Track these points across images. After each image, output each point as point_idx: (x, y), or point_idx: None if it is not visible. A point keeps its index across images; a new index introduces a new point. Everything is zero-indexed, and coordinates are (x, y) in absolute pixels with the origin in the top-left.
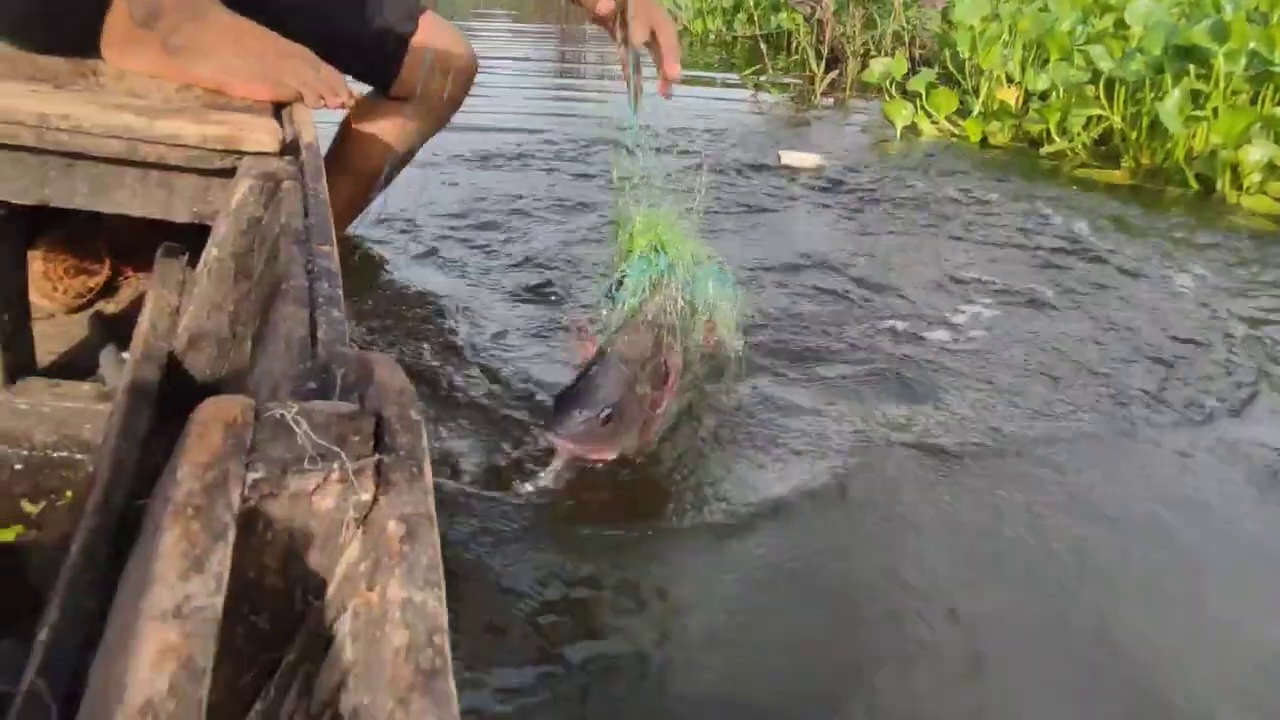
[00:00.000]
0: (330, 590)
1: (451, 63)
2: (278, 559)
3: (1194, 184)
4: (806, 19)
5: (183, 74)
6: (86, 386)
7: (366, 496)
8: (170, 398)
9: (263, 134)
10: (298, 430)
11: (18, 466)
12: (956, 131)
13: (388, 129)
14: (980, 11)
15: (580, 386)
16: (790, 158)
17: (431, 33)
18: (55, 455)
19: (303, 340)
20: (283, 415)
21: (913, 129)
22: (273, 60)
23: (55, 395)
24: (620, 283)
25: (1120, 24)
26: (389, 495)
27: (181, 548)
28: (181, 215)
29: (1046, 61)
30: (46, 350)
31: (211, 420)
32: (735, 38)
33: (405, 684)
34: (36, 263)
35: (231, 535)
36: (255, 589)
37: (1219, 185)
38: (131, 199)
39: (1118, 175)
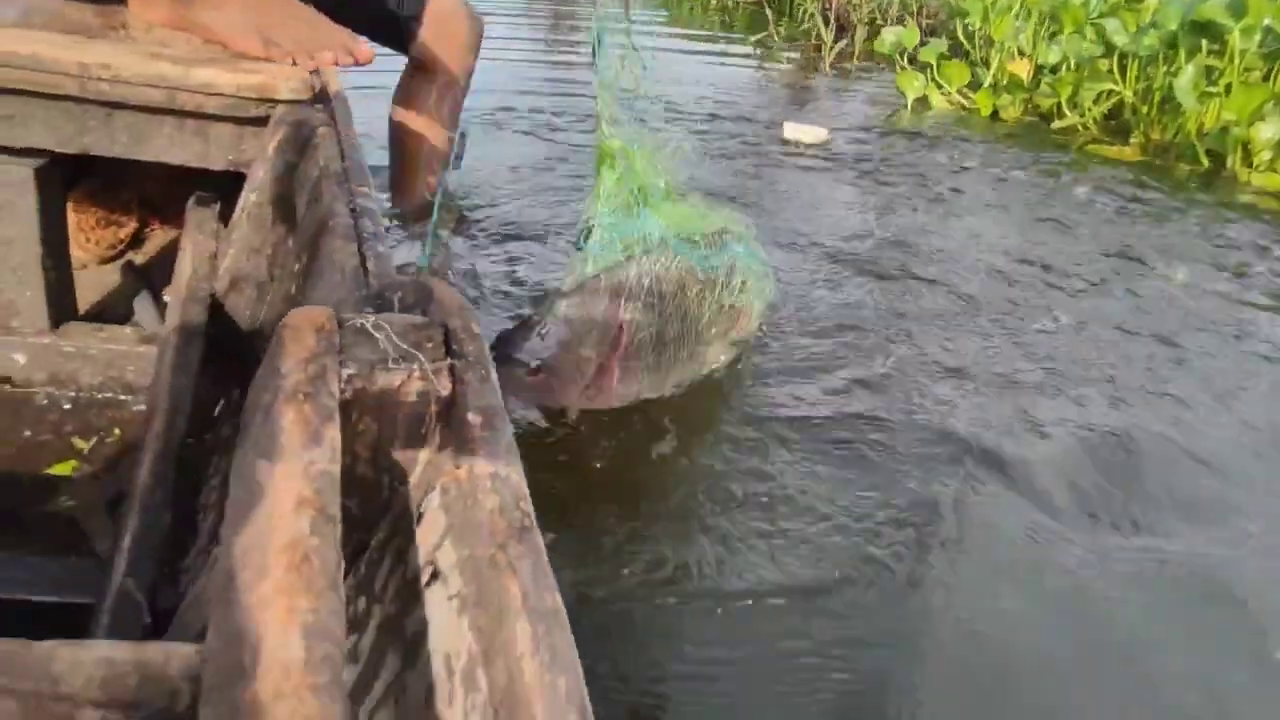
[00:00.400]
0: (415, 476)
1: (460, 24)
2: (368, 448)
3: (1204, 160)
4: None
5: (189, 24)
6: (128, 330)
7: (445, 393)
8: (214, 338)
9: (296, 82)
10: (378, 336)
11: (66, 406)
12: (967, 104)
13: (421, 103)
14: None
15: (514, 335)
16: (794, 131)
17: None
18: (101, 396)
19: (355, 270)
20: (363, 324)
21: (923, 101)
22: (276, 19)
23: (100, 339)
24: (588, 233)
25: None
26: (465, 391)
27: (300, 425)
28: (217, 163)
29: (1058, 34)
30: (83, 299)
31: (303, 324)
32: (737, 2)
33: (503, 535)
34: (70, 215)
35: (337, 418)
36: (348, 476)
37: (1230, 162)
38: (170, 147)
39: (1128, 151)
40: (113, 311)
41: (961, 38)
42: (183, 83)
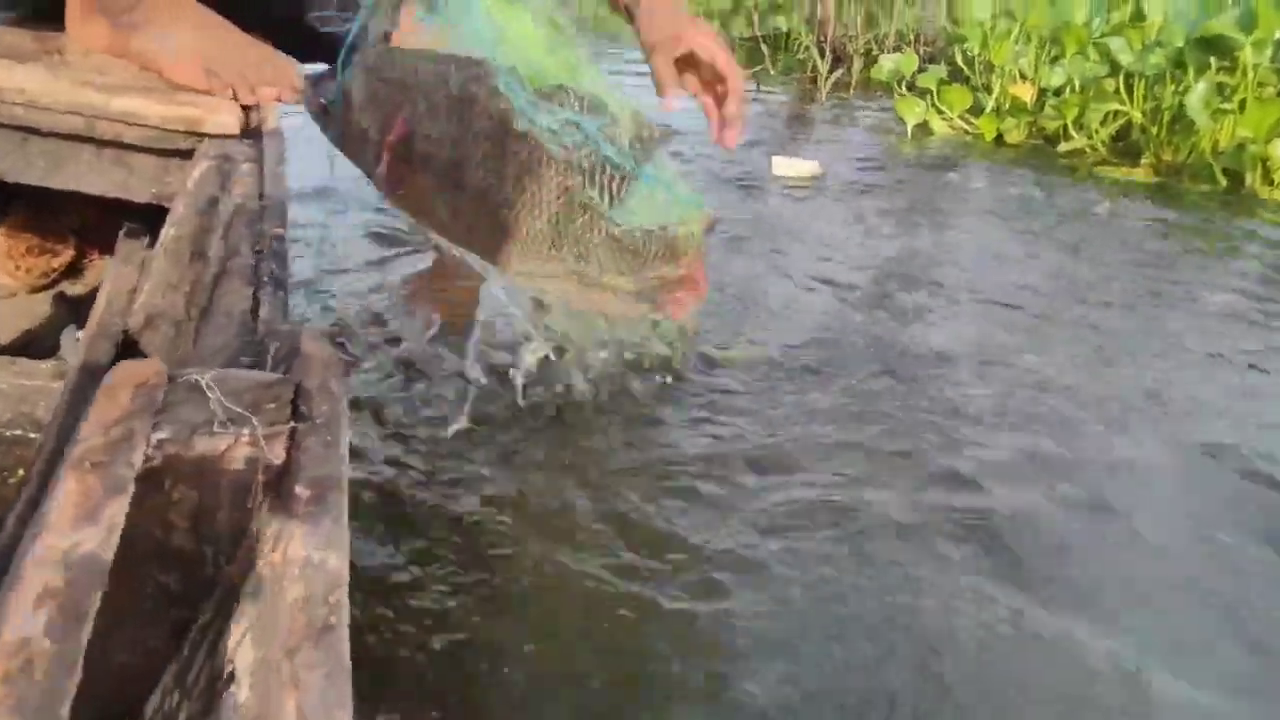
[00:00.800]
0: (241, 551)
1: None
2: (187, 519)
3: (1222, 179)
4: (809, 19)
5: (127, 52)
6: (44, 365)
7: (277, 461)
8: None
9: (225, 116)
10: (210, 395)
11: None
12: (970, 129)
13: None
14: (990, 7)
15: (324, 77)
16: (784, 166)
17: None
18: (10, 433)
19: (244, 315)
20: (196, 380)
21: (924, 127)
22: (222, 51)
23: (12, 373)
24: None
25: (1138, 15)
26: (301, 460)
27: (76, 498)
28: (140, 195)
29: (1060, 56)
30: (7, 329)
31: (122, 381)
32: (734, 40)
33: (298, 636)
34: None
35: (130, 489)
36: (164, 549)
37: (1249, 180)
38: (87, 175)
39: (1139, 172)
40: (38, 344)
41: (961, 63)
42: (104, 110)
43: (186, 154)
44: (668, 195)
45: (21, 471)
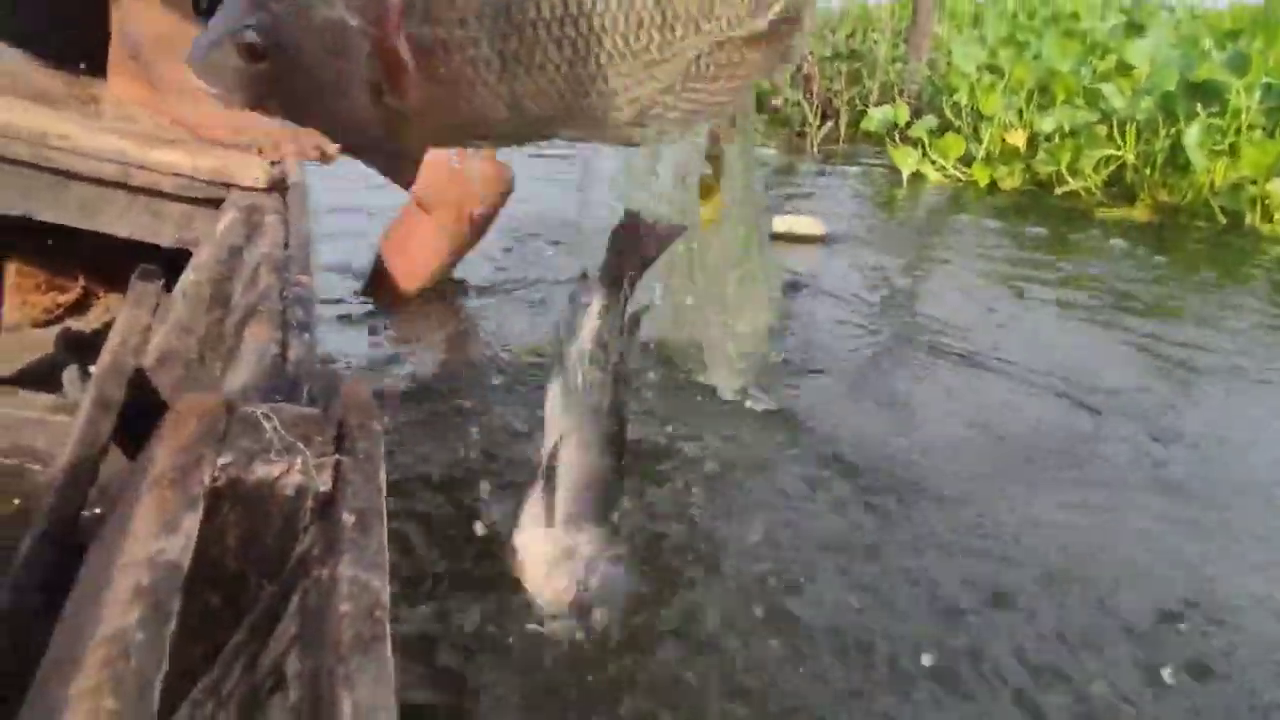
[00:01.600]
0: (283, 575)
1: (481, 175)
2: (238, 540)
3: (1221, 217)
4: (794, 76)
5: (158, 108)
6: (44, 398)
7: (325, 489)
8: (132, 415)
9: (254, 169)
10: (266, 425)
11: None
12: (963, 176)
13: (415, 242)
14: (976, 59)
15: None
16: (785, 223)
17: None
18: (7, 462)
19: (275, 358)
20: (253, 412)
21: (918, 175)
22: (251, 115)
23: (10, 404)
24: None
25: (1123, 65)
26: (345, 490)
27: (157, 512)
28: (165, 240)
29: (1050, 104)
30: (10, 361)
31: (189, 411)
32: None
33: (348, 646)
34: (8, 276)
35: (201, 506)
36: (214, 568)
37: (1248, 219)
38: (119, 221)
39: (1137, 213)
40: (37, 377)
41: (950, 113)
42: (140, 160)
43: (212, 202)
44: None
45: (17, 501)
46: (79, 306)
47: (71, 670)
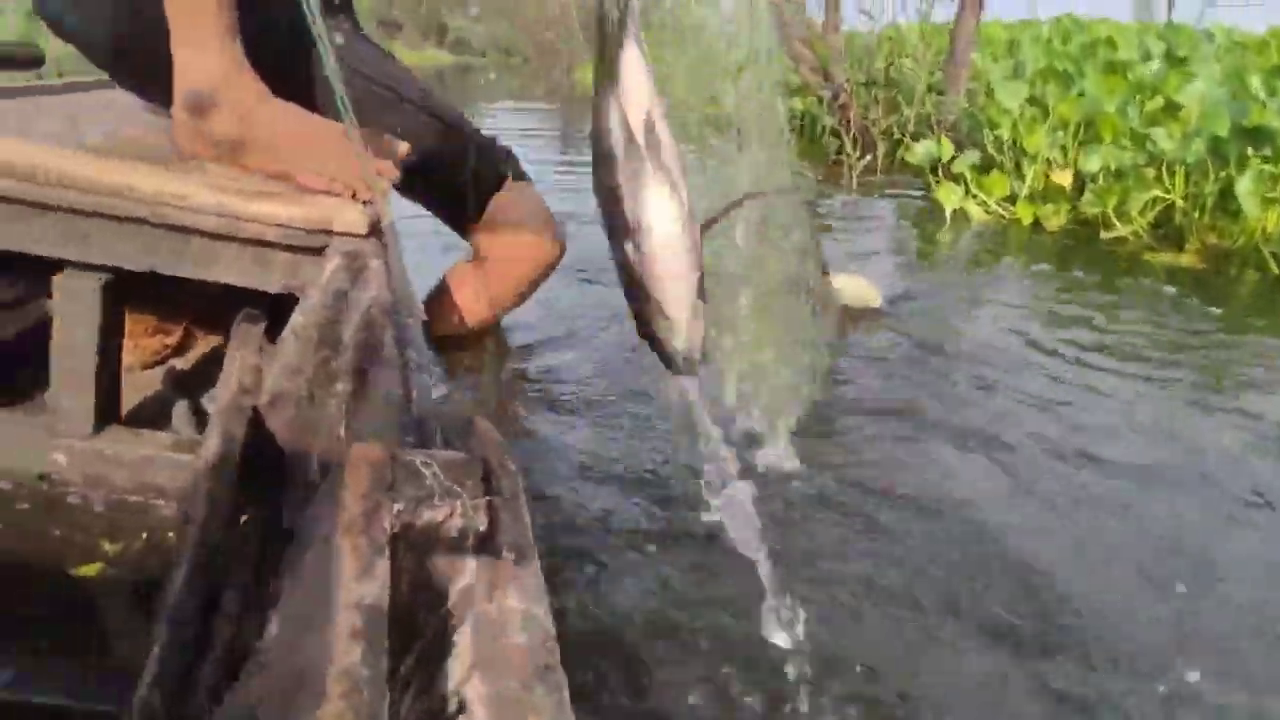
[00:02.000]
0: (446, 606)
1: (530, 238)
2: (408, 581)
3: (1273, 266)
4: (830, 104)
5: (235, 163)
6: (163, 436)
7: (483, 528)
8: (249, 452)
9: (352, 215)
10: (426, 472)
11: (99, 509)
12: (1006, 214)
13: (465, 291)
14: (1019, 95)
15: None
16: (842, 284)
17: (520, 198)
18: (132, 500)
19: (400, 399)
20: (414, 461)
21: (961, 213)
22: (327, 153)
23: (135, 444)
24: None
25: (1171, 106)
26: (500, 528)
27: (354, 559)
28: (273, 286)
29: (1095, 143)
30: (124, 403)
31: (358, 460)
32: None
33: (529, 674)
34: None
35: (388, 553)
36: (391, 605)
37: None
38: (231, 270)
39: (1185, 258)
40: (150, 416)
41: (992, 149)
42: (246, 213)
43: (315, 249)
44: None
45: (145, 535)
46: (180, 348)
47: (312, 702)
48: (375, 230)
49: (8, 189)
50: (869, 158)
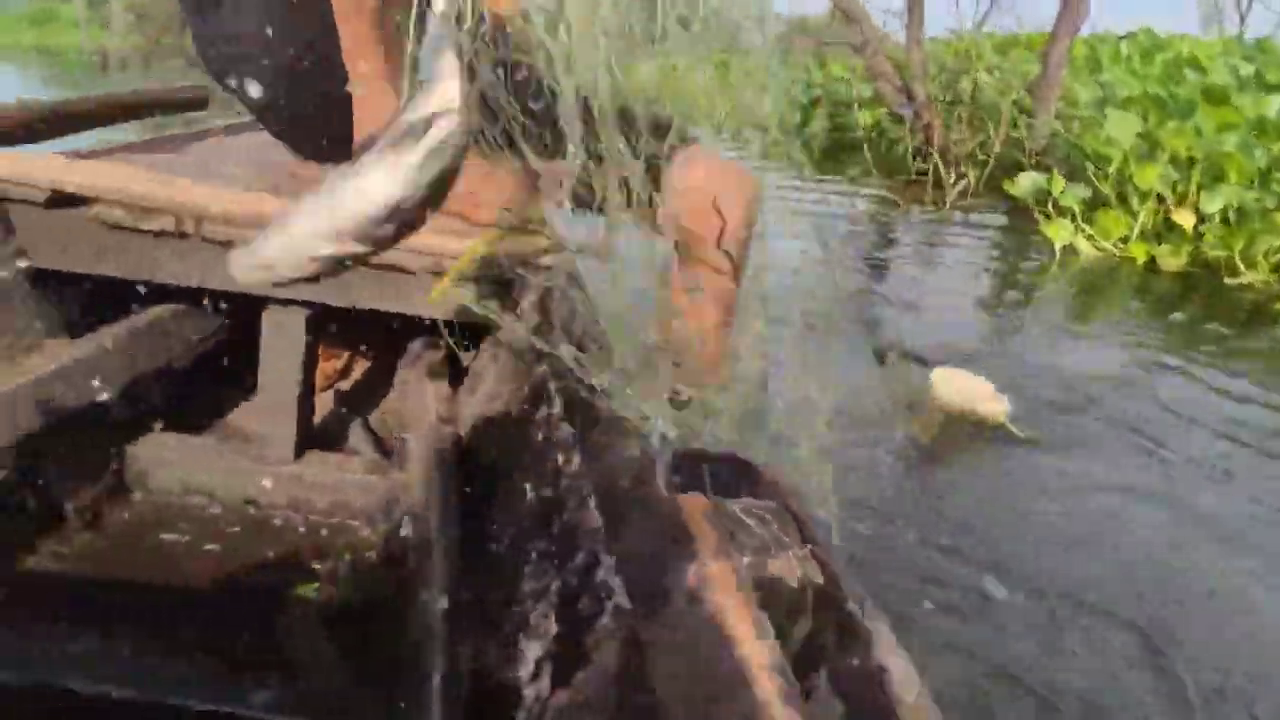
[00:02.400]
0: (799, 657)
1: (728, 186)
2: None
3: None
4: (912, 122)
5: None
6: (356, 460)
7: (819, 579)
8: (459, 472)
9: (539, 245)
10: (750, 521)
11: (301, 530)
12: (1118, 251)
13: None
14: (1133, 129)
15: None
16: (949, 385)
17: (703, 167)
18: (332, 521)
19: (633, 431)
20: (735, 511)
21: (1070, 249)
22: (495, 191)
23: (332, 468)
24: None
25: None
26: (828, 577)
27: (741, 615)
28: (466, 317)
29: (1215, 183)
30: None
31: (695, 512)
32: (806, 136)
33: None
34: None
35: (754, 603)
36: None
37: None
38: (425, 304)
39: None
40: (328, 438)
41: (1098, 182)
42: (444, 250)
43: (504, 283)
44: None
45: (348, 555)
46: (345, 371)
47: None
48: (559, 257)
49: (216, 233)
50: (964, 182)
